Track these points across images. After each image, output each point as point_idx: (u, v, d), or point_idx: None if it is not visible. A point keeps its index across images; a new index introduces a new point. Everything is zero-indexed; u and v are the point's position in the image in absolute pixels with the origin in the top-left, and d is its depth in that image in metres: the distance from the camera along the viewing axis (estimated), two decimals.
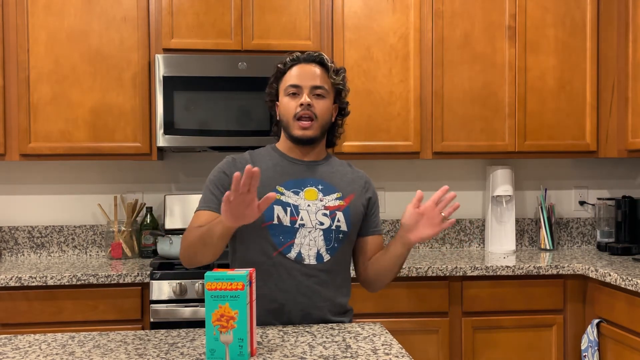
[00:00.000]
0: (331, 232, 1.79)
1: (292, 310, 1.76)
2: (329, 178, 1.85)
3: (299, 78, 1.81)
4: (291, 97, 1.80)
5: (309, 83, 1.80)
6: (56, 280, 2.66)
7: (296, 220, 1.76)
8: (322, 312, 1.78)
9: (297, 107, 1.79)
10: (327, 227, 1.78)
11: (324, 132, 1.85)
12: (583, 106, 3.18)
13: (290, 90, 1.81)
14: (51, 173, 3.27)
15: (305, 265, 1.76)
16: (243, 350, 1.37)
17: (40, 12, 2.93)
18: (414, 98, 3.08)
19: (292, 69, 1.83)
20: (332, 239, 1.79)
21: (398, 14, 3.08)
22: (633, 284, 2.45)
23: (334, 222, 1.79)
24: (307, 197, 1.79)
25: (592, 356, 2.71)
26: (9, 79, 2.93)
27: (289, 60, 1.84)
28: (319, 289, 1.77)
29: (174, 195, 3.19)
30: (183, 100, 2.92)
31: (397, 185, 3.44)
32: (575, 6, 3.17)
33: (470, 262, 2.92)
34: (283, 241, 1.75)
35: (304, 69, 1.82)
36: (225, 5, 2.99)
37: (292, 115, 1.79)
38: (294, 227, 1.76)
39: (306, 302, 1.76)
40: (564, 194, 3.54)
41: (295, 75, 1.81)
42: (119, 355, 1.45)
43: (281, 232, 1.75)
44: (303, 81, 1.80)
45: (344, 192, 1.84)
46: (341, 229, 1.80)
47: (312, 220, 1.77)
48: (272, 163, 1.84)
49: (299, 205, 1.77)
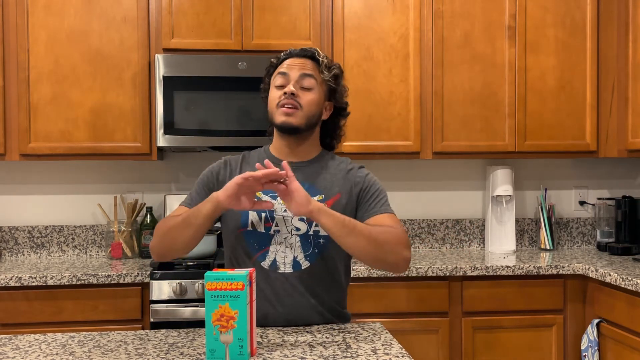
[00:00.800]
0: (309, 238, 1.70)
1: (277, 319, 1.69)
2: (313, 179, 1.76)
3: (287, 67, 1.77)
4: (278, 89, 1.77)
5: (296, 73, 1.75)
6: (56, 280, 2.66)
7: (271, 226, 1.70)
8: (310, 320, 1.71)
9: (281, 96, 1.74)
10: (304, 232, 1.70)
11: (310, 125, 1.77)
12: (583, 106, 3.18)
13: (277, 81, 1.76)
14: (51, 173, 3.27)
15: (281, 274, 1.69)
16: (243, 350, 1.37)
17: (40, 12, 2.93)
18: (414, 98, 3.08)
19: (284, 62, 1.80)
20: (311, 244, 1.70)
21: (398, 14, 3.08)
22: (633, 284, 2.45)
23: (312, 227, 1.70)
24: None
25: (592, 356, 2.71)
26: (9, 79, 2.93)
27: (282, 55, 1.82)
28: (300, 298, 1.69)
29: (174, 195, 3.19)
30: (183, 100, 2.91)
31: (397, 185, 3.44)
32: (575, 6, 3.17)
33: (470, 262, 2.92)
34: (257, 248, 1.70)
35: (294, 61, 1.78)
36: (225, 5, 2.99)
37: (275, 103, 1.75)
38: (268, 233, 1.70)
39: (288, 311, 1.69)
40: (564, 194, 3.54)
41: (285, 66, 1.78)
42: (119, 355, 1.45)
43: (256, 238, 1.70)
44: (290, 70, 1.76)
45: (327, 193, 1.74)
46: (320, 233, 1.70)
47: (288, 226, 1.70)
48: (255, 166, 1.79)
49: (274, 210, 1.71)
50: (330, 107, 1.84)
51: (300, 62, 1.78)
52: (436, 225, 3.45)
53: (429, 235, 3.45)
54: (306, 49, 1.81)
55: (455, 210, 3.46)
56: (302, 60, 1.78)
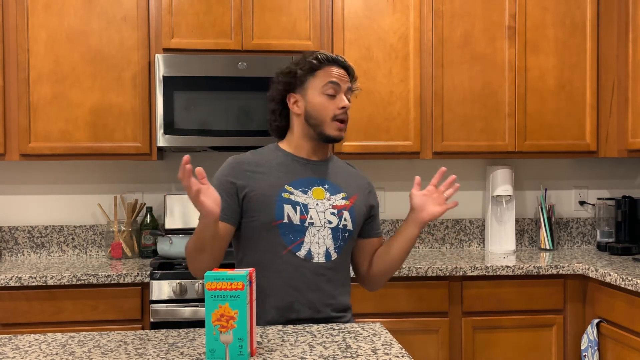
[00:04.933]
0: (338, 231, 1.81)
1: (301, 308, 1.77)
2: (333, 178, 1.87)
3: (339, 78, 1.82)
4: (329, 97, 1.81)
5: (345, 85, 1.83)
6: (56, 280, 2.66)
7: (305, 219, 1.78)
8: (328, 308, 1.80)
9: (336, 109, 1.80)
10: (335, 225, 1.81)
11: None
12: (583, 106, 3.18)
13: (329, 89, 1.81)
14: (51, 173, 3.27)
15: (315, 263, 1.78)
16: (243, 350, 1.37)
17: (40, 12, 2.93)
18: (414, 98, 3.08)
19: (331, 68, 1.82)
20: (340, 237, 1.81)
21: (398, 14, 3.08)
22: (633, 284, 2.45)
23: (341, 221, 1.82)
24: (315, 196, 1.81)
25: (592, 356, 2.71)
26: (9, 79, 2.93)
27: (324, 59, 1.83)
28: (327, 286, 1.80)
29: (174, 195, 3.19)
30: (183, 100, 2.92)
31: (397, 185, 3.44)
32: (575, 6, 3.17)
33: (470, 262, 2.92)
34: (293, 239, 1.77)
35: (340, 71, 1.83)
36: (225, 5, 2.99)
37: (330, 116, 1.81)
38: (303, 225, 1.77)
39: (315, 299, 1.78)
40: (564, 194, 3.54)
41: (336, 75, 1.82)
42: (119, 355, 1.45)
43: (291, 230, 1.77)
44: (342, 82, 1.83)
45: (348, 192, 1.87)
46: (347, 227, 1.83)
47: (321, 219, 1.79)
48: (276, 162, 1.84)
49: (307, 204, 1.79)
50: None
51: (343, 73, 1.85)
52: (436, 225, 3.45)
53: (429, 235, 3.45)
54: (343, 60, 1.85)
55: (455, 210, 3.46)
56: (343, 71, 1.85)
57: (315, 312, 1.78)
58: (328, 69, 1.82)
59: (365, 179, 1.98)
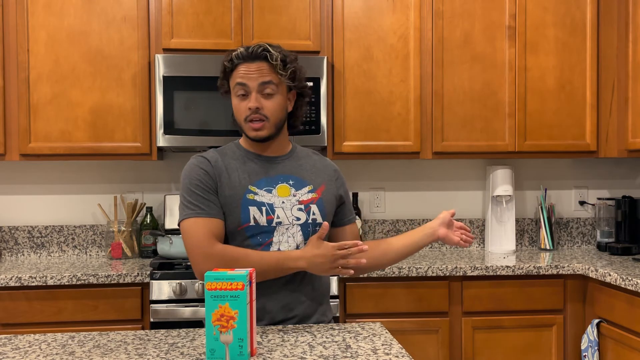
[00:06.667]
0: (308, 227, 1.78)
1: (273, 308, 1.75)
2: (297, 172, 1.84)
3: (246, 77, 1.75)
4: (241, 99, 1.77)
5: (256, 82, 1.74)
6: (56, 280, 2.66)
7: (272, 218, 1.75)
8: (303, 305, 1.78)
9: (247, 110, 1.76)
10: (304, 221, 1.78)
11: (280, 127, 1.81)
12: (583, 106, 3.18)
13: (238, 91, 1.76)
14: (51, 173, 3.27)
15: None
16: (243, 350, 1.37)
17: (40, 12, 2.93)
18: (414, 98, 3.08)
19: (240, 67, 1.76)
20: (310, 232, 1.78)
21: (398, 14, 3.08)
22: (633, 284, 2.45)
23: (310, 216, 1.79)
24: (280, 194, 1.78)
25: (592, 356, 2.71)
26: (9, 79, 2.93)
27: (235, 58, 1.77)
28: (300, 283, 1.78)
29: (174, 195, 3.19)
30: (183, 100, 2.92)
31: (397, 185, 3.44)
32: (575, 6, 3.17)
33: (470, 262, 2.92)
34: (261, 241, 1.75)
35: (250, 67, 1.75)
36: (225, 5, 2.99)
37: (243, 118, 1.77)
38: (270, 225, 1.75)
39: (288, 298, 1.76)
40: (564, 194, 3.54)
41: (242, 74, 1.75)
42: (119, 355, 1.45)
43: (259, 232, 1.74)
44: (250, 80, 1.75)
45: (314, 184, 1.83)
46: (317, 221, 1.79)
47: (289, 217, 1.76)
48: (239, 163, 1.80)
49: (273, 203, 1.76)
50: (294, 96, 1.85)
51: (256, 67, 1.75)
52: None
53: None
54: (256, 50, 1.76)
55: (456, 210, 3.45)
56: (257, 65, 1.75)
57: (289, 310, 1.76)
58: (238, 68, 1.77)
59: (331, 166, 1.92)
